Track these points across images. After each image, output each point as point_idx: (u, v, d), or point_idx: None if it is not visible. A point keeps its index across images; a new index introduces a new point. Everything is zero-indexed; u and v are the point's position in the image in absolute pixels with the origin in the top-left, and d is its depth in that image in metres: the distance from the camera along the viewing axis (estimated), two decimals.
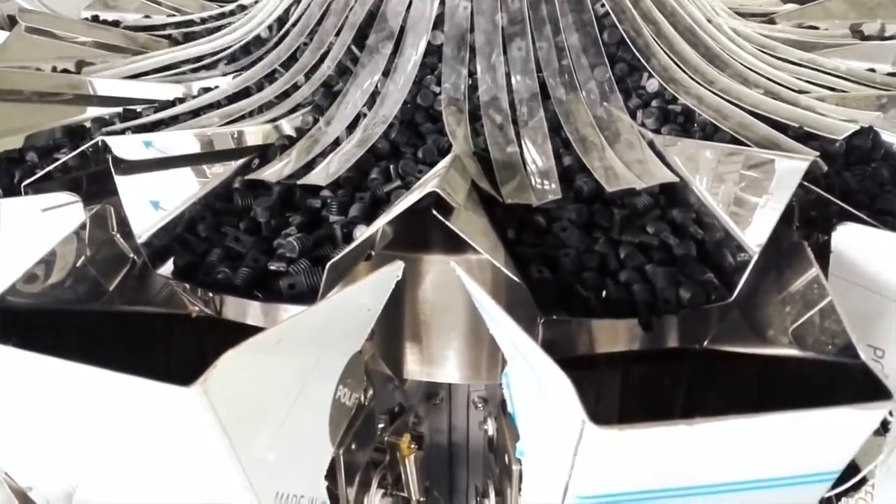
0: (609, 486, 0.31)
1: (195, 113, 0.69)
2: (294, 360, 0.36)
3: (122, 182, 0.50)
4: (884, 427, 0.46)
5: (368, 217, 0.51)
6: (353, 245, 0.43)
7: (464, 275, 0.39)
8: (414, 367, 0.52)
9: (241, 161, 0.59)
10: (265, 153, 0.63)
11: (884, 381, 0.31)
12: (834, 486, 0.49)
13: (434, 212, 0.44)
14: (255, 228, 0.52)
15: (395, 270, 0.41)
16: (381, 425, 0.53)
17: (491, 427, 0.53)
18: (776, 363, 0.42)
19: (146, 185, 0.52)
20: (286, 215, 0.53)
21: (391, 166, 0.57)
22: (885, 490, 0.50)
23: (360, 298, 0.40)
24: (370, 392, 0.48)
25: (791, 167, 0.45)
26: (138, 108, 0.72)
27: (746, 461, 0.31)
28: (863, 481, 0.51)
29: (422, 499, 0.60)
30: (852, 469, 0.50)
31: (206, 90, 0.75)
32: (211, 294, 0.48)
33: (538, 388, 0.35)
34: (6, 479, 0.57)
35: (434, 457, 0.74)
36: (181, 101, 0.73)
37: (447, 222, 0.43)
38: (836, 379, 0.35)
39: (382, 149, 0.61)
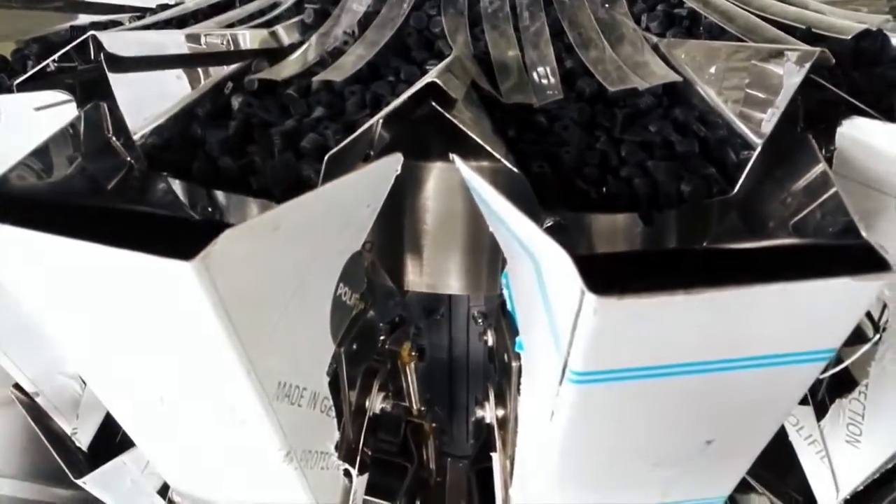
0: (607, 361, 0.31)
1: (183, 20, 0.68)
2: (292, 249, 0.36)
3: (116, 80, 0.49)
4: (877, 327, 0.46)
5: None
6: (352, 136, 0.43)
7: (462, 164, 0.38)
8: (415, 278, 0.52)
9: (236, 65, 0.57)
10: (262, 59, 0.61)
11: (885, 256, 0.31)
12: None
13: (433, 104, 0.43)
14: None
15: (394, 163, 0.40)
16: (381, 337, 0.53)
17: (491, 338, 0.54)
18: (775, 255, 0.42)
19: (140, 84, 0.51)
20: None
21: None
22: (879, 390, 0.50)
23: (359, 188, 0.40)
24: (370, 302, 0.48)
25: (797, 59, 0.44)
26: (125, 16, 0.70)
27: (743, 337, 0.31)
28: (855, 382, 0.51)
29: (422, 408, 0.61)
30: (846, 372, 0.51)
31: None
32: (210, 209, 0.48)
33: (537, 278, 0.35)
34: (13, 393, 0.58)
35: (434, 372, 0.75)
36: (169, 7, 0.71)
37: (447, 114, 0.42)
38: (837, 261, 0.35)
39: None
